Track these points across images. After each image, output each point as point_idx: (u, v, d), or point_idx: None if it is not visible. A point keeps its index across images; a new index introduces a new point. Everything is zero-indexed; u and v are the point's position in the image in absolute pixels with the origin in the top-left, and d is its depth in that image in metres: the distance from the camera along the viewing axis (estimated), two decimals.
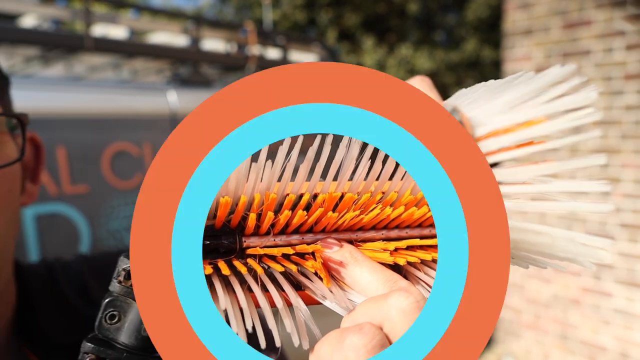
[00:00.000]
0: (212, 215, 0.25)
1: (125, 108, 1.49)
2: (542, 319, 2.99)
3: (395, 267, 0.26)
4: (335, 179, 0.25)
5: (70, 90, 1.43)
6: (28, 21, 1.76)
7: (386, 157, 0.24)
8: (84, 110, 1.40)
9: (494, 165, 0.24)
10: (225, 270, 0.23)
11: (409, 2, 7.86)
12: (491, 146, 0.24)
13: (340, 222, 0.25)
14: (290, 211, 0.25)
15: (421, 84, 0.38)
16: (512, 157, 0.24)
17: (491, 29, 7.19)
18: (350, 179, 0.25)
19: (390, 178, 0.25)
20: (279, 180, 0.24)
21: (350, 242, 0.26)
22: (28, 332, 0.48)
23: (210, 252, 0.25)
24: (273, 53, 2.06)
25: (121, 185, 1.44)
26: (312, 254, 0.25)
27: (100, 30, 1.81)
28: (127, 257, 0.29)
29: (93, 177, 1.39)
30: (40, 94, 1.31)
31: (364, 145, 0.24)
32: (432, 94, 0.37)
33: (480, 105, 0.26)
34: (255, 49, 1.86)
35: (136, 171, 1.47)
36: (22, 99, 1.27)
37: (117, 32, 1.83)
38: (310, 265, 0.25)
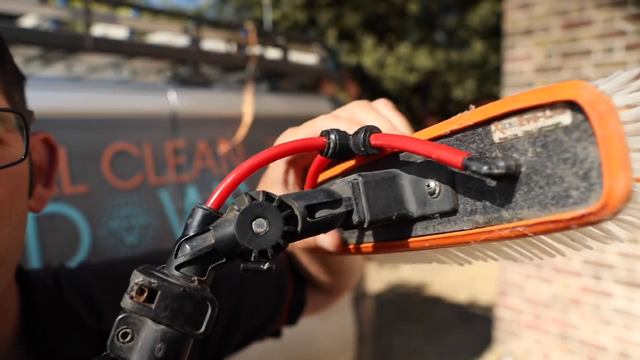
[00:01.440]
0: None
1: (125, 108, 1.49)
2: (542, 319, 2.99)
3: None
4: None
5: (70, 90, 1.43)
6: (28, 21, 1.76)
7: None
8: (84, 110, 1.40)
9: None
10: None
11: (409, 2, 7.86)
12: None
13: None
14: None
15: (386, 106, 0.41)
16: None
17: (496, 35, 7.18)
18: None
19: None
20: None
21: None
22: (34, 342, 0.46)
23: None
24: (273, 53, 2.06)
25: (121, 185, 1.44)
26: None
27: (100, 30, 1.81)
28: (141, 271, 0.28)
29: (93, 177, 1.38)
30: (40, 94, 1.31)
31: None
32: (394, 115, 0.40)
33: None
34: (255, 49, 1.86)
35: (136, 171, 1.47)
36: None
37: (117, 32, 1.83)
38: None
